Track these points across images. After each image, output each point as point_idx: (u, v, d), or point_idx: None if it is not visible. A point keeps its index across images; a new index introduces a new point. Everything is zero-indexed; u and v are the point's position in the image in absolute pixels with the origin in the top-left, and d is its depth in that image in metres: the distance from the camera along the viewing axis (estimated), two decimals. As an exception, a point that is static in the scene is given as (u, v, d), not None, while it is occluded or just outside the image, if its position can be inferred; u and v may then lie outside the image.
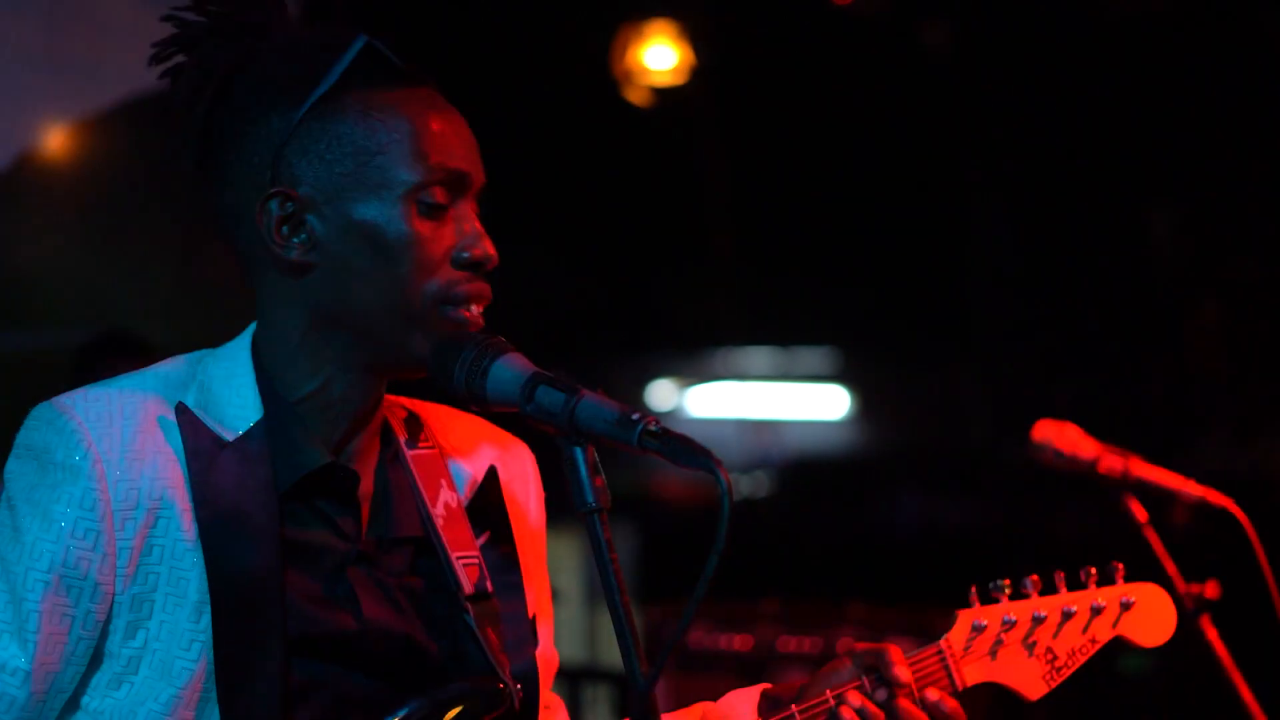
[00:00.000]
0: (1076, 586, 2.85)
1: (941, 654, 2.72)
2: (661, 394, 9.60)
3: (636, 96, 8.28)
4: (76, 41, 6.10)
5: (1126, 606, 2.87)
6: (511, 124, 7.68)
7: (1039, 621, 2.80)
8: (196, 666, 2.28)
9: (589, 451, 2.17)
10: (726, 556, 2.07)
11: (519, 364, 2.25)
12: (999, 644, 2.78)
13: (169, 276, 6.56)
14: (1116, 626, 2.87)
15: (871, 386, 9.49)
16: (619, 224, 8.66)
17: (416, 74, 2.43)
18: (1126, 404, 7.87)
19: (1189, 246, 8.16)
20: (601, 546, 2.14)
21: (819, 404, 9.58)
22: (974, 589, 2.78)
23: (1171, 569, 3.48)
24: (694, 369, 9.64)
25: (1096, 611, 2.85)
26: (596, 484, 2.16)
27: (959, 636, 2.75)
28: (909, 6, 8.28)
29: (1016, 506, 8.16)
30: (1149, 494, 3.55)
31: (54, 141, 6.56)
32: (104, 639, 2.29)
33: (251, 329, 2.46)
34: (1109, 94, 7.95)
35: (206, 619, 2.28)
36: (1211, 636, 3.45)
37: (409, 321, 2.37)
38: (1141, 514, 3.53)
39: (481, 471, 2.60)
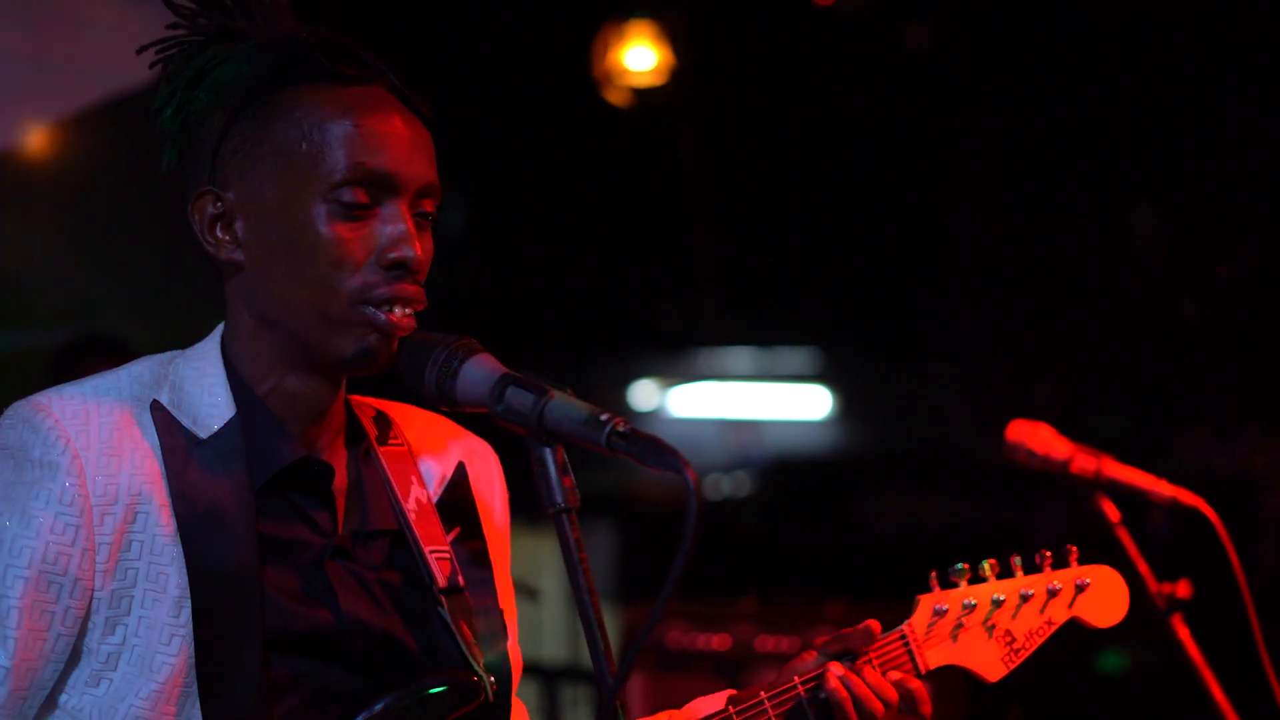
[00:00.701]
0: (1033, 570, 2.92)
1: (905, 638, 2.77)
2: (643, 394, 9.60)
3: (617, 97, 8.28)
4: (58, 41, 6.09)
5: (1081, 588, 2.93)
6: (492, 125, 7.69)
7: (997, 604, 2.85)
8: (177, 661, 2.29)
9: (558, 452, 2.17)
10: (699, 556, 2.08)
11: (489, 365, 2.26)
12: (959, 627, 2.83)
13: (150, 277, 6.55)
14: (1072, 608, 2.94)
15: (853, 386, 9.49)
16: (600, 225, 8.66)
17: (362, 75, 2.41)
18: (1107, 403, 7.89)
19: (1169, 245, 8.18)
20: (570, 546, 2.15)
21: (800, 404, 9.58)
22: (934, 574, 2.82)
23: (1144, 569, 3.50)
24: (675, 369, 9.63)
25: (1052, 594, 2.91)
26: (565, 484, 2.16)
27: (921, 621, 2.80)
28: (890, 6, 8.28)
29: (996, 506, 8.17)
30: (1122, 494, 3.57)
31: (34, 141, 6.54)
32: (82, 635, 2.30)
33: (220, 328, 2.48)
34: (1089, 93, 7.97)
35: (187, 614, 2.29)
36: (1183, 636, 3.47)
37: (328, 321, 2.37)
38: (1114, 514, 3.55)
39: (450, 469, 2.63)
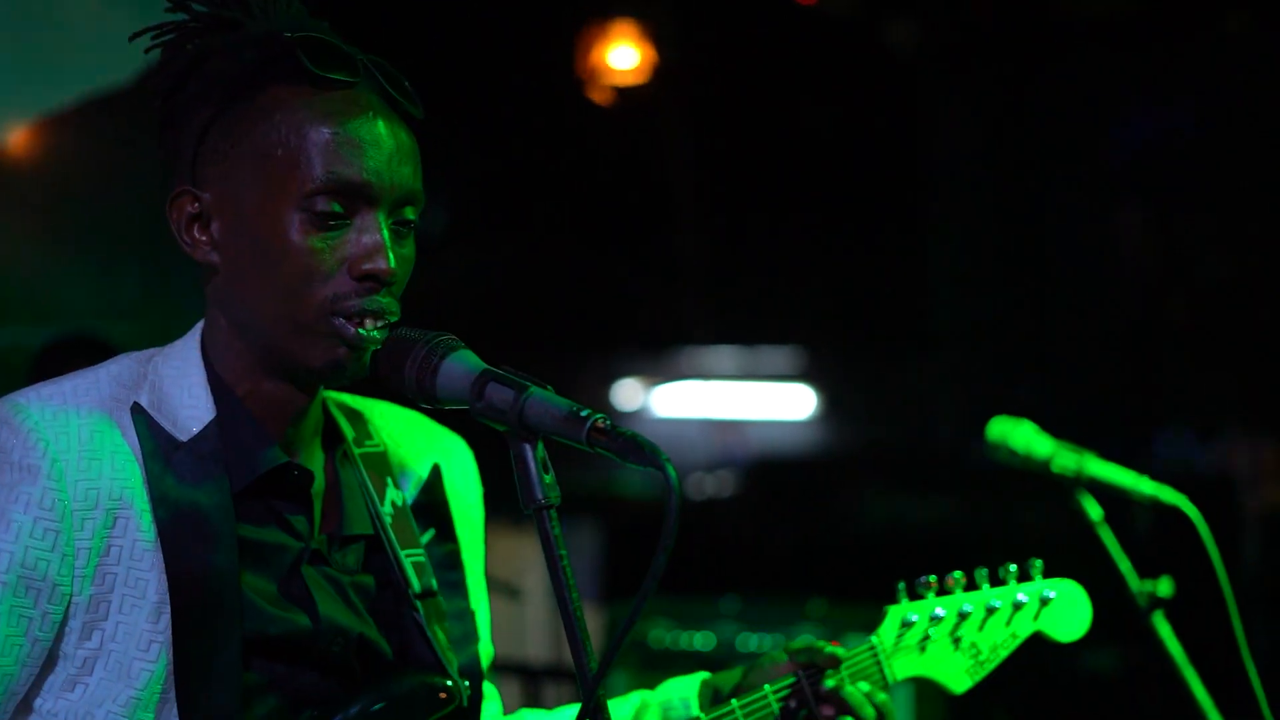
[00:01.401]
0: (999, 583, 2.93)
1: (873, 650, 2.79)
2: (627, 393, 9.59)
3: (600, 96, 8.28)
4: (38, 39, 6.07)
5: (1046, 601, 2.95)
6: (475, 124, 7.68)
7: (964, 616, 2.87)
8: (155, 667, 2.27)
9: (538, 448, 2.16)
10: (682, 555, 2.07)
11: (469, 361, 2.24)
12: (926, 639, 2.84)
13: (132, 276, 6.53)
14: (1037, 621, 2.96)
15: (837, 386, 9.49)
16: (584, 224, 8.66)
17: (347, 79, 2.36)
18: (1091, 401, 7.90)
19: (1153, 245, 8.20)
20: (551, 542, 2.14)
21: (784, 403, 9.58)
22: (900, 585, 2.82)
23: (1125, 567, 3.49)
24: (659, 368, 9.63)
25: (1018, 607, 2.93)
26: (545, 480, 2.15)
27: (889, 632, 2.81)
28: (873, 6, 8.29)
29: (981, 505, 8.18)
30: (1103, 491, 3.57)
31: (13, 139, 6.52)
32: (59, 640, 2.28)
33: (199, 327, 2.45)
34: (1074, 93, 7.98)
35: (166, 620, 2.27)
36: (1164, 634, 3.47)
37: (298, 330, 2.33)
38: (1095, 511, 3.55)
39: (425, 469, 2.62)
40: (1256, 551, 7.12)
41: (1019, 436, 3.59)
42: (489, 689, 2.65)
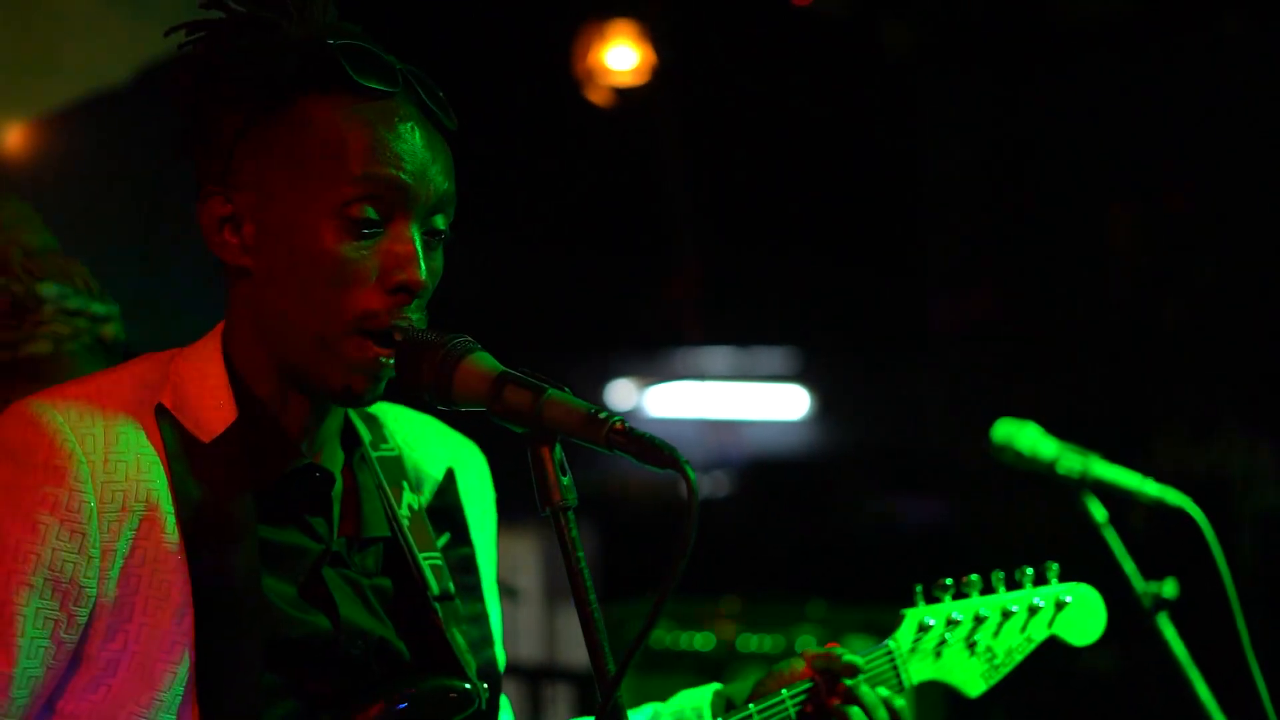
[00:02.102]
0: (1014, 586, 2.91)
1: (890, 654, 2.78)
2: (621, 393, 9.60)
3: (598, 96, 8.28)
4: (36, 38, 6.06)
5: (1061, 606, 2.94)
6: (472, 124, 7.67)
7: (980, 621, 2.86)
8: (179, 669, 2.26)
9: (556, 449, 2.15)
10: (696, 557, 2.08)
11: (486, 364, 2.23)
12: (943, 643, 2.83)
13: (131, 276, 6.52)
14: (1052, 626, 2.94)
15: (831, 386, 9.51)
16: (580, 224, 8.66)
17: (386, 87, 2.35)
18: (1084, 404, 7.90)
19: (1147, 246, 8.20)
20: (569, 544, 2.13)
21: (779, 404, 9.60)
22: (918, 589, 2.82)
23: (1129, 568, 3.50)
24: (654, 368, 9.64)
25: (1034, 611, 2.92)
26: (563, 482, 2.14)
27: (906, 636, 2.80)
28: (869, 7, 8.29)
29: (975, 505, 8.19)
30: (1108, 493, 3.57)
31: (11, 139, 6.51)
32: (83, 641, 2.26)
33: (220, 326, 2.44)
34: (1068, 94, 7.99)
35: (189, 622, 2.26)
36: (1169, 635, 3.47)
37: (321, 346, 2.32)
38: (1100, 513, 3.55)
39: (439, 473, 2.61)
40: (1251, 554, 7.13)
41: (1024, 438, 3.59)
42: (503, 697, 2.65)
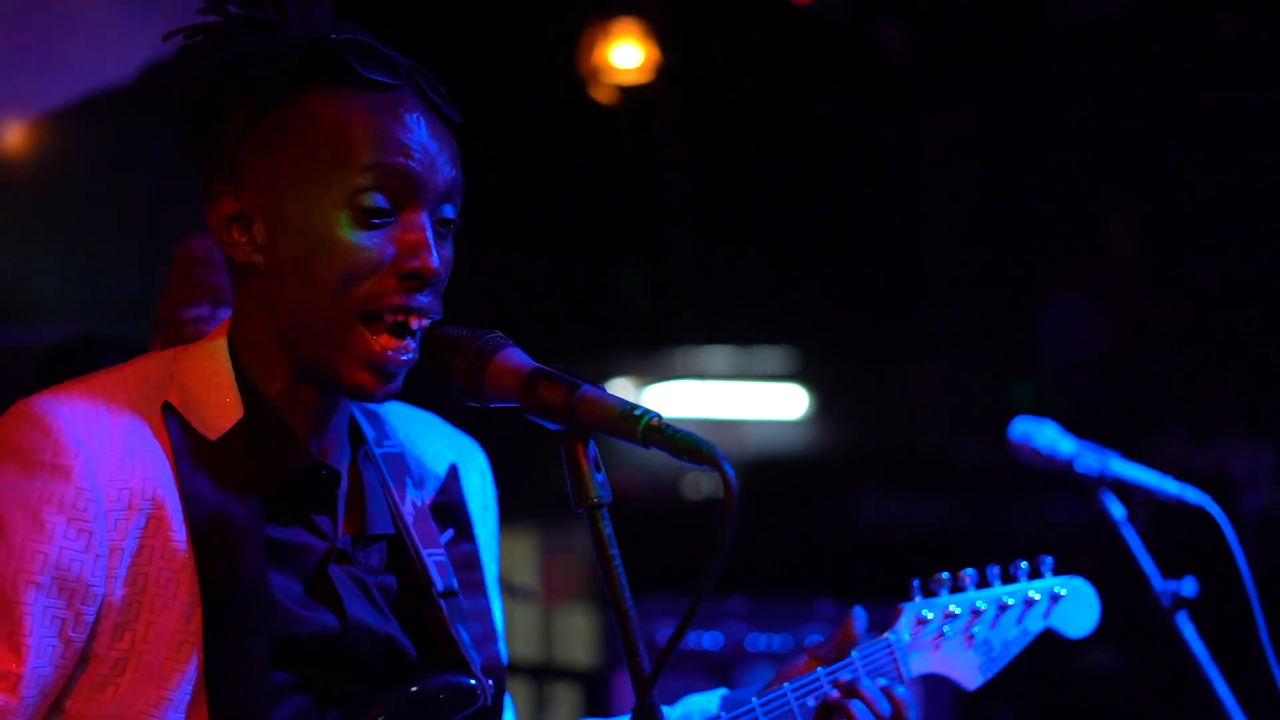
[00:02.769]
0: (1010, 580, 2.96)
1: (889, 646, 2.80)
2: (620, 393, 9.55)
3: (602, 94, 8.28)
4: (41, 37, 6.04)
5: (1056, 599, 2.98)
6: (474, 120, 7.67)
7: (977, 614, 2.90)
8: (187, 668, 2.25)
9: (591, 446, 2.15)
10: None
11: (519, 360, 2.23)
12: (941, 636, 2.86)
13: (132, 276, 6.51)
14: (1048, 618, 2.98)
15: (830, 386, 9.51)
16: (579, 221, 8.66)
17: (391, 81, 2.35)
18: (1083, 404, 7.91)
19: (1146, 247, 8.22)
20: (605, 542, 2.13)
21: (778, 403, 9.60)
22: (915, 583, 2.84)
23: (1147, 566, 3.50)
24: (653, 368, 9.63)
25: (1030, 603, 2.96)
26: (597, 479, 2.14)
27: (905, 629, 2.83)
28: (869, 7, 8.30)
29: (974, 504, 8.20)
30: (1125, 491, 3.57)
31: (15, 137, 6.50)
32: (91, 641, 2.25)
33: (225, 325, 2.43)
34: (1066, 96, 8.00)
35: (197, 621, 2.25)
36: (1187, 634, 3.47)
37: (333, 339, 2.31)
38: (1118, 511, 3.55)
39: (442, 470, 2.61)
40: (1253, 555, 7.14)
41: (1042, 436, 3.59)
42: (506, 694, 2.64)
